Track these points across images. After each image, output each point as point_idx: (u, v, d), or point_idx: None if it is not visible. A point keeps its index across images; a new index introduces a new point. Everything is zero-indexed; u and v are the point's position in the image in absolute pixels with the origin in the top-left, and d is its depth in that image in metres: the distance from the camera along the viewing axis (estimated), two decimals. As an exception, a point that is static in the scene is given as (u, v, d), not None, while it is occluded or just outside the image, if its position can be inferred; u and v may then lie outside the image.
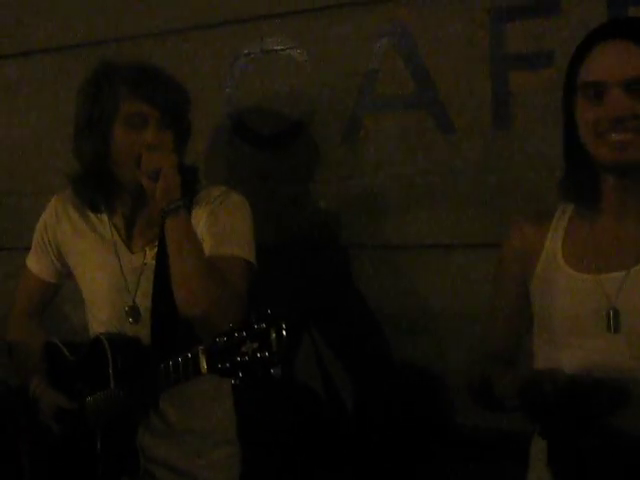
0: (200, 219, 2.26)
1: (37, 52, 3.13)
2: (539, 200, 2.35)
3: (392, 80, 2.56)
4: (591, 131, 1.78)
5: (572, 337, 1.85)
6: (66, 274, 2.50)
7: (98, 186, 2.31)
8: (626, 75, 1.71)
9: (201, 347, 1.94)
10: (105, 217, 2.38)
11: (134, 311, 2.33)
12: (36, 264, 2.51)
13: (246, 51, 2.76)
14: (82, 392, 2.29)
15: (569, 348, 1.85)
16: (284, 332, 1.79)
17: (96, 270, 2.38)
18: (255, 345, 1.82)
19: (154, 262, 2.29)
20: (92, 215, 2.40)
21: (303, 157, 2.71)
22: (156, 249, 2.29)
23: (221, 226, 2.25)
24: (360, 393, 2.69)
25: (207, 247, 2.22)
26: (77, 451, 2.33)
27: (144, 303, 2.31)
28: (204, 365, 1.93)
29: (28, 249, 2.54)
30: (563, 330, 1.86)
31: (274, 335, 1.80)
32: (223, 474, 2.37)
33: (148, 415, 2.25)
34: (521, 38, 2.37)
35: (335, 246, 2.69)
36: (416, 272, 2.58)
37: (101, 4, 2.97)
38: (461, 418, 2.56)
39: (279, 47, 2.71)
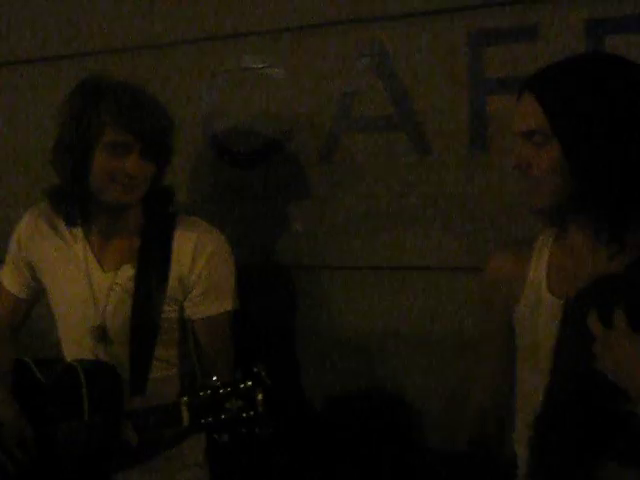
0: (187, 260, 2.30)
1: (16, 63, 3.12)
2: (515, 223, 2.35)
3: (370, 101, 2.56)
4: None
5: None
6: (40, 290, 2.47)
7: (76, 201, 2.30)
8: (521, 128, 1.78)
9: (184, 399, 1.94)
10: (80, 232, 2.36)
11: (101, 330, 2.31)
12: (9, 279, 2.48)
13: (224, 68, 2.75)
14: (53, 418, 2.24)
15: None
16: (271, 394, 1.80)
17: (66, 287, 2.36)
18: (240, 403, 1.83)
19: (125, 282, 2.30)
20: (66, 230, 2.38)
21: (280, 176, 2.70)
22: (128, 268, 2.31)
23: (217, 282, 2.32)
24: (330, 413, 2.68)
25: (206, 303, 2.31)
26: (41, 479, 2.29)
27: (112, 323, 2.30)
28: (186, 418, 1.92)
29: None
30: (549, 358, 1.85)
31: (260, 396, 1.80)
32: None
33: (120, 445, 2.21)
34: (499, 62, 2.37)
35: (310, 267, 2.68)
36: (390, 294, 2.57)
37: (77, 18, 2.96)
38: (430, 441, 2.55)
39: (257, 65, 2.70)
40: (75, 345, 2.36)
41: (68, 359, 2.37)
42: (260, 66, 2.70)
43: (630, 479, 1.69)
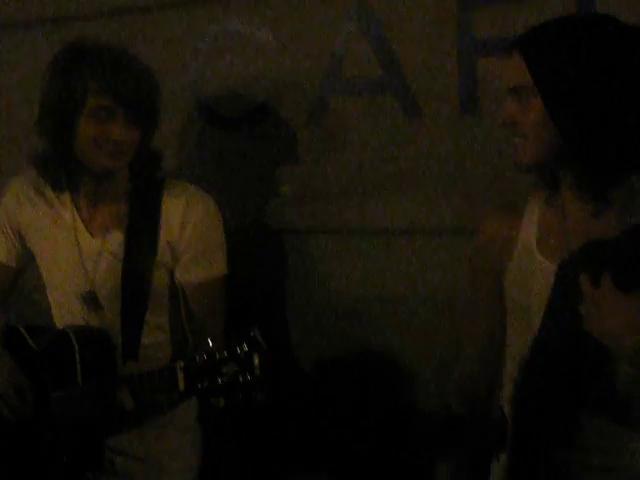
0: (176, 225, 2.28)
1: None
2: (504, 186, 2.34)
3: (359, 63, 2.54)
4: None
5: None
6: (28, 257, 2.46)
7: (62, 167, 2.28)
8: (507, 84, 1.80)
9: (180, 363, 1.94)
10: (67, 198, 2.35)
11: (91, 296, 2.30)
12: None
13: (211, 31, 2.72)
14: (46, 385, 2.23)
15: None
16: (267, 357, 1.80)
17: (54, 253, 2.36)
18: (236, 367, 1.82)
19: (115, 247, 2.30)
20: (53, 197, 2.36)
21: (268, 140, 2.69)
22: (117, 233, 2.30)
23: (207, 246, 2.31)
24: (321, 376, 2.69)
25: (196, 268, 2.30)
26: (35, 444, 2.27)
27: (102, 288, 2.30)
28: (182, 382, 1.93)
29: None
30: (539, 320, 1.85)
31: (257, 360, 1.80)
32: (184, 460, 2.37)
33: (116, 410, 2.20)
34: (489, 24, 2.35)
35: (299, 230, 2.68)
36: (379, 257, 2.57)
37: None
38: (420, 403, 2.56)
39: (245, 28, 2.67)
40: (65, 311, 2.36)
41: (59, 326, 2.36)
42: (247, 29, 2.67)
43: (608, 436, 1.72)
